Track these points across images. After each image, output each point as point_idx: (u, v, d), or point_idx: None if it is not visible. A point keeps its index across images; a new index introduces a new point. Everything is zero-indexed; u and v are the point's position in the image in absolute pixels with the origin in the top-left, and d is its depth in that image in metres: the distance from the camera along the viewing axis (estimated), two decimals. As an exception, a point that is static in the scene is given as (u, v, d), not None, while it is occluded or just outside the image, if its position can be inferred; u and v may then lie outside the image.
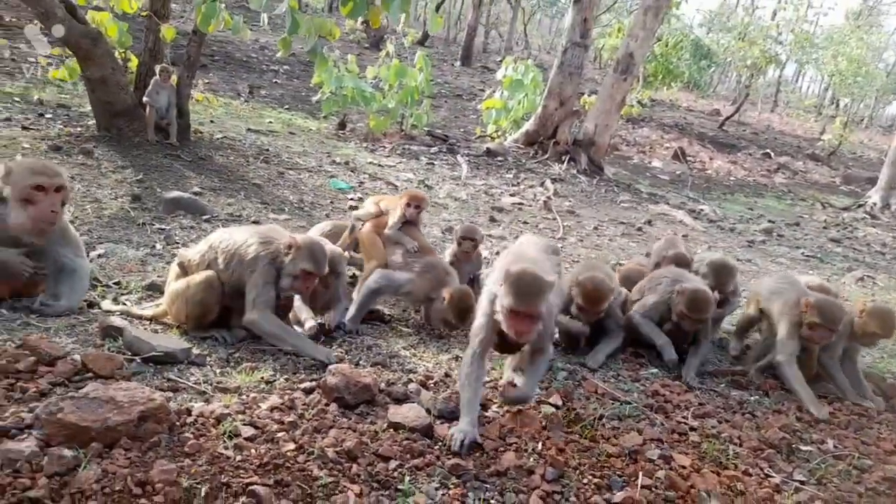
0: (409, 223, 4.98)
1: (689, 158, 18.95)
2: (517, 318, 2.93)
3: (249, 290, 3.73)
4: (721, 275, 4.82)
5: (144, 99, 8.32)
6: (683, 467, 3.02)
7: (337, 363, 3.45)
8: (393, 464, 2.66)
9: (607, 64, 26.62)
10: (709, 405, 3.81)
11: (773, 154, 21.93)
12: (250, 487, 2.31)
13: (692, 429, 3.44)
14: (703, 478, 2.93)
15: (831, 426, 3.74)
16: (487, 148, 13.10)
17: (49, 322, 3.57)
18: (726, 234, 11.02)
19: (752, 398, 4.06)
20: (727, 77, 46.55)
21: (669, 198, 13.19)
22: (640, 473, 2.92)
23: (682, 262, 5.16)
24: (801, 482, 3.06)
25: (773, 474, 3.09)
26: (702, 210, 12.53)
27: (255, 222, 6.47)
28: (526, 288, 2.91)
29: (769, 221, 12.55)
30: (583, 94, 17.07)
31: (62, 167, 3.74)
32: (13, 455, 2.25)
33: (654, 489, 2.82)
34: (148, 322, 3.92)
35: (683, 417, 3.57)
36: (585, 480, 2.81)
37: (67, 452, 2.31)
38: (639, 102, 22.05)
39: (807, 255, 10.29)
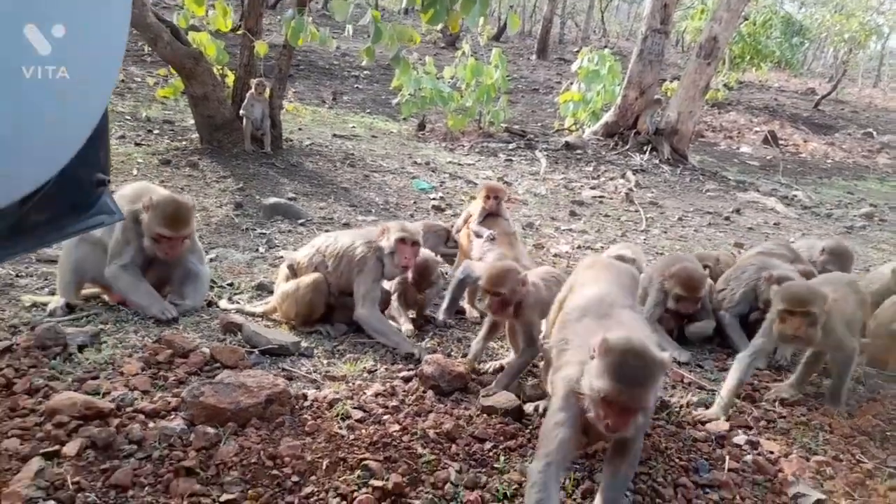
0: (491, 215, 5.20)
1: (781, 142, 18.11)
2: (615, 409, 2.21)
3: (358, 287, 4.09)
4: (843, 258, 4.76)
5: (241, 112, 8.96)
6: (771, 452, 3.08)
7: (430, 354, 3.72)
8: (488, 444, 2.89)
9: (690, 48, 25.74)
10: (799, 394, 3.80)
11: (875, 133, 20.56)
12: (364, 462, 2.60)
13: (781, 416, 3.47)
14: (791, 463, 2.98)
15: (931, 415, 3.65)
16: (566, 141, 13.09)
17: (179, 320, 4.04)
18: (822, 220, 10.55)
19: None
20: (823, 53, 43.78)
21: (759, 184, 12.73)
22: (727, 457, 3.01)
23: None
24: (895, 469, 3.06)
25: (866, 460, 3.09)
26: (795, 196, 12.02)
27: (345, 224, 6.89)
28: (632, 372, 2.18)
29: (870, 205, 11.88)
30: (664, 80, 16.69)
31: (190, 206, 4.21)
32: (167, 432, 2.65)
33: (741, 472, 2.91)
34: (260, 318, 4.34)
35: (772, 406, 3.59)
36: (672, 463, 2.93)
37: (210, 430, 2.69)
38: (725, 86, 21.24)
39: (913, 241, 9.71)
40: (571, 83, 14.30)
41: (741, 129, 19.19)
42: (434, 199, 8.55)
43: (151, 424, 2.74)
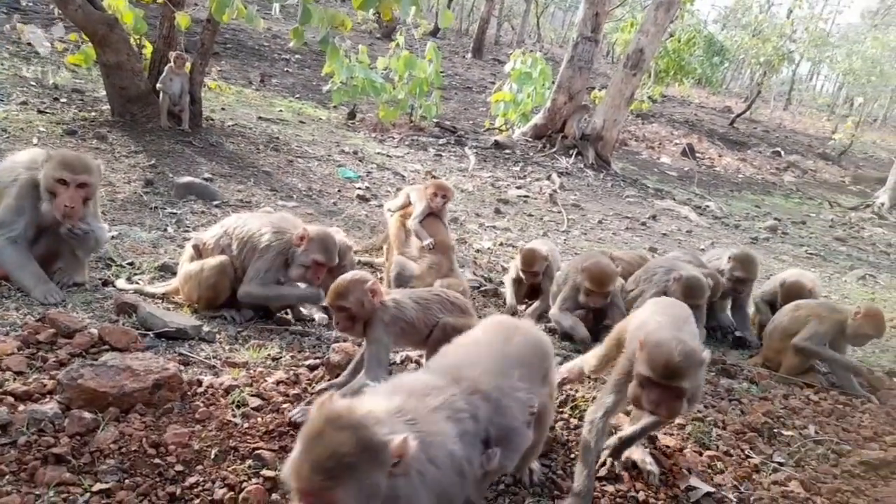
0: (432, 215, 5.07)
1: (698, 155, 18.96)
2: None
3: (250, 270, 3.90)
4: (748, 265, 4.98)
5: (158, 85, 8.48)
6: (667, 447, 3.16)
7: (338, 343, 3.61)
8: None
9: (619, 59, 26.58)
10: (698, 392, 3.94)
11: (783, 152, 21.88)
12: (256, 451, 2.48)
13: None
14: (685, 457, 3.07)
15: (815, 413, 3.87)
16: (495, 140, 13.20)
17: (67, 299, 3.75)
18: (730, 230, 11.10)
19: (740, 386, 4.19)
20: (740, 74, 46.27)
21: (676, 194, 13.26)
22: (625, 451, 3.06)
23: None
24: (780, 463, 3.20)
25: (754, 455, 3.23)
26: (707, 206, 12.60)
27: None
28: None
29: (775, 219, 12.60)
30: (593, 88, 17.13)
31: (95, 161, 3.87)
32: (38, 416, 2.43)
33: (637, 465, 2.97)
34: (160, 300, 4.10)
35: (672, 402, 3.70)
36: (572, 456, 2.96)
37: (87, 415, 2.49)
38: (649, 98, 22.04)
39: (810, 253, 10.37)
40: (504, 83, 14.43)
41: (662, 140, 19.96)
42: (360, 188, 8.40)
43: (21, 408, 2.51)
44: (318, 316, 4.24)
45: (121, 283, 4.21)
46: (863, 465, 3.23)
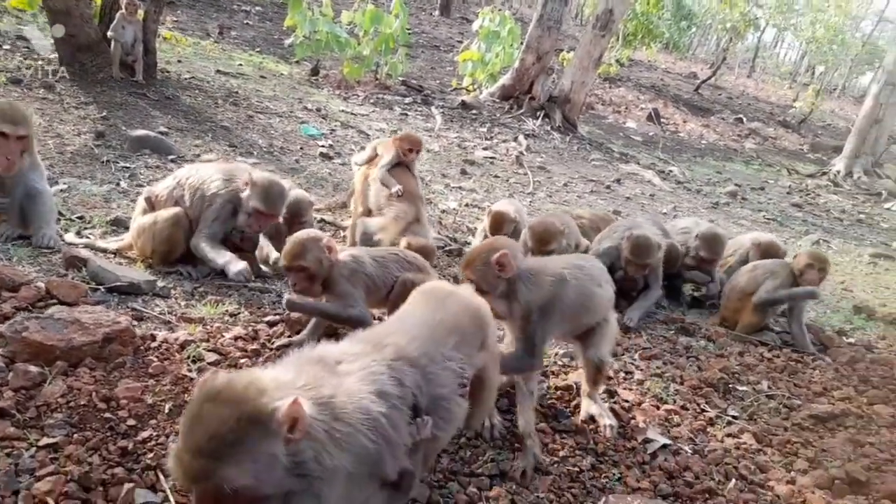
0: (401, 165, 4.90)
1: (663, 120, 19.07)
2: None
3: (200, 221, 3.79)
4: (713, 245, 4.98)
5: (109, 34, 8.07)
6: (626, 401, 3.21)
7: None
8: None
9: (588, 21, 26.37)
10: (656, 349, 4.01)
11: (745, 119, 22.18)
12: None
13: (639, 368, 3.64)
14: (643, 411, 3.13)
15: (768, 370, 3.98)
16: (462, 101, 13.02)
17: (11, 252, 3.58)
18: (692, 195, 11.25)
19: (698, 343, 4.28)
20: (707, 40, 46.47)
21: (640, 158, 13.35)
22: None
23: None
24: (734, 417, 3.29)
25: (709, 409, 3.31)
26: (671, 171, 12.74)
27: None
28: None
29: (735, 185, 12.82)
30: (561, 50, 16.97)
31: (27, 110, 3.67)
32: (-22, 369, 2.32)
33: (597, 419, 3.01)
34: (112, 255, 3.95)
35: (631, 359, 3.76)
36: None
37: (33, 368, 2.39)
38: (617, 62, 21.98)
39: (767, 218, 10.60)
40: (471, 42, 14.18)
41: (628, 104, 20.01)
42: (323, 146, 8.21)
43: (-39, 362, 2.39)
44: (274, 258, 4.09)
45: (70, 236, 4.03)
46: (812, 419, 3.34)
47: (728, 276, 5.00)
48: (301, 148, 7.97)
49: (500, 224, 4.99)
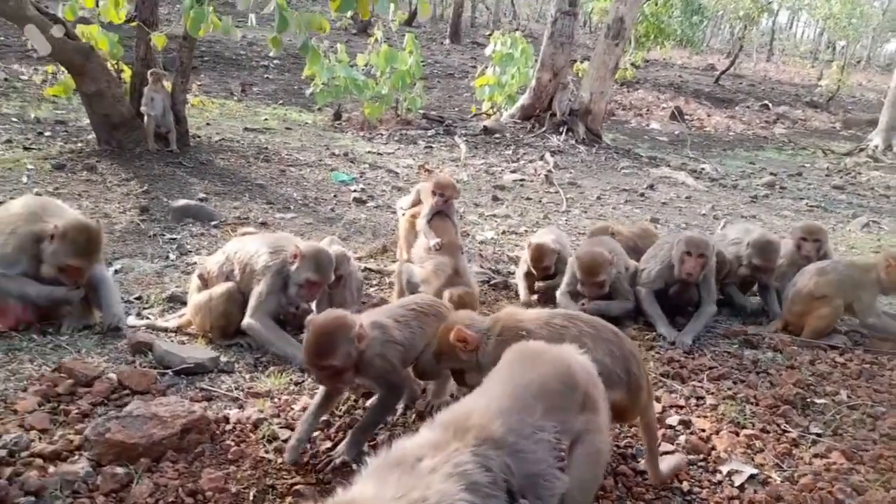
0: (441, 213, 4.87)
1: (686, 117, 18.85)
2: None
3: (252, 297, 3.84)
4: (767, 252, 4.87)
5: (142, 108, 8.36)
6: (703, 430, 3.13)
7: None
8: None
9: (598, 27, 26.37)
10: (723, 367, 3.91)
11: (771, 105, 21.77)
12: (295, 487, 2.44)
13: (709, 392, 3.55)
14: (722, 439, 3.04)
15: (844, 377, 3.84)
16: (484, 126, 13.09)
17: (78, 343, 3.70)
18: (729, 191, 11.04)
19: (764, 356, 4.16)
20: (720, 30, 45.95)
21: (670, 160, 13.18)
22: (662, 439, 3.03)
23: None
24: (818, 435, 3.18)
25: (790, 429, 3.20)
26: (703, 169, 12.53)
27: (262, 224, 6.57)
28: None
29: (771, 174, 12.54)
30: (575, 61, 16.97)
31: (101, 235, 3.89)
32: (69, 477, 2.38)
33: (676, 453, 2.94)
34: (173, 333, 4.05)
35: (699, 382, 3.68)
36: (612, 452, 2.92)
37: (119, 470, 2.44)
38: (632, 65, 21.87)
39: (811, 206, 10.32)
40: (486, 67, 14.27)
41: (649, 106, 19.84)
42: (355, 191, 8.32)
43: (52, 469, 2.46)
44: None
45: (131, 319, 4.15)
46: (901, 427, 3.21)
47: (779, 280, 4.87)
48: (334, 196, 8.08)
49: (541, 257, 4.97)
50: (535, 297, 5.23)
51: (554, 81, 13.40)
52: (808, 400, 3.51)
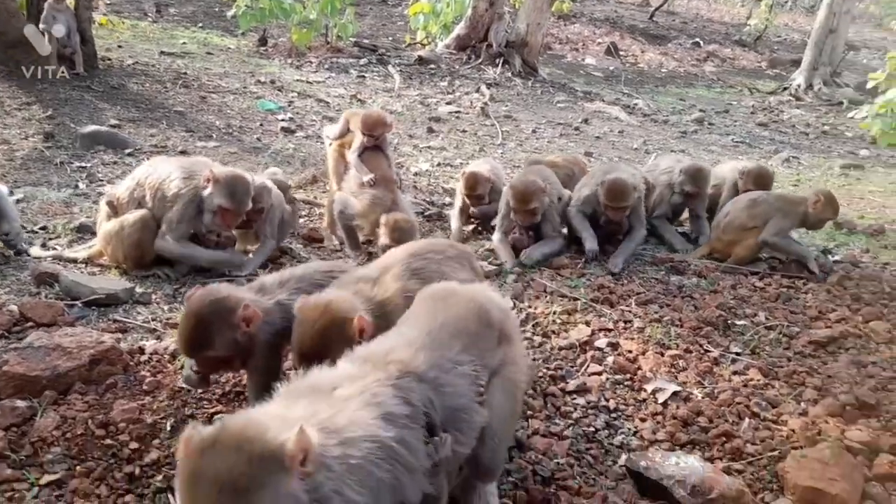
0: (373, 146, 4.59)
1: (621, 53, 18.85)
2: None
3: (163, 222, 3.61)
4: (698, 178, 4.91)
5: (41, 26, 7.59)
6: (630, 352, 3.20)
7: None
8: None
9: (535, -42, 25.65)
10: (650, 293, 4.00)
11: (702, 43, 22.03)
12: (216, 416, 2.33)
13: (637, 316, 3.62)
14: (648, 360, 3.12)
15: (763, 300, 4.00)
16: (419, 56, 12.67)
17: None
18: (660, 126, 11.21)
19: (689, 281, 4.28)
20: (655, -35, 45.72)
21: (604, 94, 13.21)
22: (589, 361, 3.08)
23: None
24: (737, 354, 3.30)
25: (712, 349, 3.31)
26: (636, 105, 12.63)
27: (182, 152, 6.17)
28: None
29: (700, 111, 12.80)
30: (512, -9, 16.53)
31: None
32: (-38, 412, 2.19)
33: (604, 373, 3.00)
34: (83, 265, 3.77)
35: (627, 306, 3.74)
36: (541, 373, 2.95)
37: (20, 403, 2.26)
38: (569, -3, 21.53)
39: (736, 142, 10.62)
40: (420, -6, 13.71)
41: (585, 41, 19.71)
42: (283, 120, 7.93)
43: (-58, 405, 2.25)
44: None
45: (35, 250, 3.83)
46: (812, 345, 3.38)
47: (716, 209, 4.98)
48: (261, 125, 7.69)
49: (475, 185, 4.90)
50: (469, 227, 5.18)
51: (490, 11, 13.03)
52: (730, 322, 3.63)
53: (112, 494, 2.01)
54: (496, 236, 4.63)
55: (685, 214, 5.37)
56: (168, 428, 2.30)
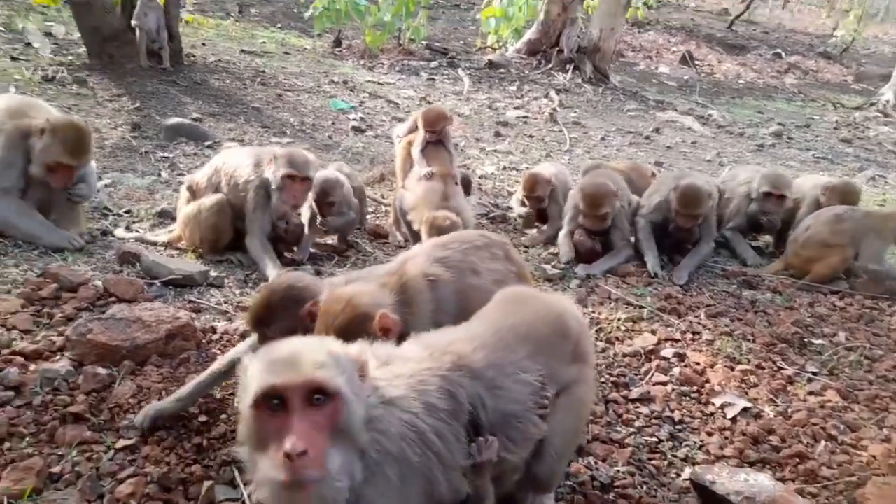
0: (436, 141, 4.71)
1: (697, 62, 18.33)
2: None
3: (246, 218, 3.76)
4: (778, 181, 4.73)
5: (133, 22, 8.01)
6: (698, 364, 3.09)
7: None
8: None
9: (611, -35, 25.29)
10: (721, 306, 3.86)
11: (783, 54, 21.17)
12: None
13: (706, 328, 3.50)
14: (717, 373, 3.00)
15: (843, 320, 3.79)
16: (489, 60, 12.69)
17: (65, 252, 3.60)
18: (735, 139, 10.82)
19: (763, 297, 4.10)
20: (736, -26, 44.29)
21: (677, 104, 12.87)
22: (654, 370, 3.00)
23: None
24: (814, 373, 3.14)
25: (786, 367, 3.16)
26: (710, 115, 12.24)
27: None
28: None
29: (779, 124, 12.28)
30: (586, -3, 16.35)
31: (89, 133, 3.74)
32: (50, 374, 2.33)
33: (669, 384, 2.91)
34: (163, 248, 3.95)
35: (696, 318, 3.62)
36: (603, 379, 2.89)
37: (102, 370, 2.39)
38: (645, 4, 21.10)
39: (817, 157, 10.13)
40: (493, -2, 13.73)
41: (659, 49, 19.28)
42: (354, 119, 8.09)
43: (33, 367, 2.40)
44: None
45: (120, 232, 4.04)
46: (897, 369, 3.18)
47: (793, 223, 4.75)
48: (332, 123, 7.87)
49: (533, 186, 4.89)
50: (534, 230, 5.14)
51: (563, 16, 12.92)
52: (806, 340, 3.46)
53: (181, 463, 2.08)
54: (561, 234, 4.57)
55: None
56: (236, 404, 2.37)
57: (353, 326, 2.00)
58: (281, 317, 2.21)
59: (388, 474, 1.49)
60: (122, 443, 2.12)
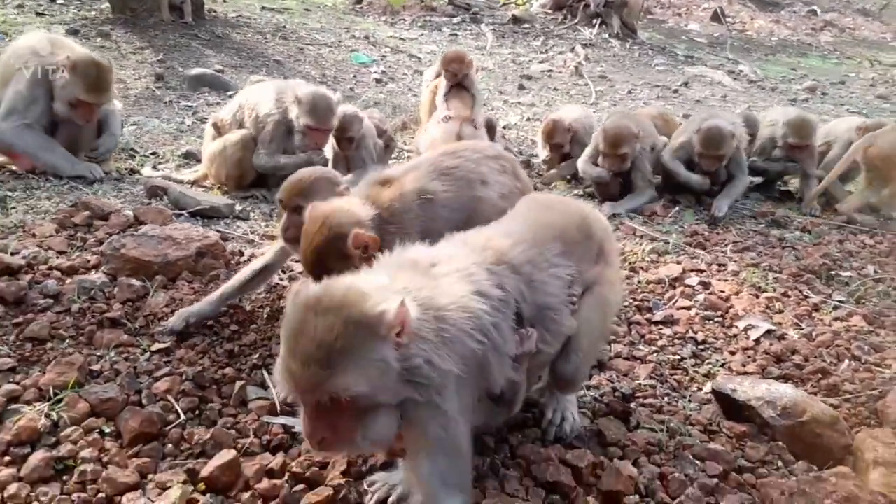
0: (458, 85, 4.87)
1: (728, 19, 17.78)
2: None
3: (259, 144, 3.78)
4: (802, 129, 4.63)
5: (156, -24, 8.03)
6: (723, 292, 3.08)
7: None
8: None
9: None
10: (748, 241, 3.82)
11: (819, 11, 20.45)
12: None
13: (732, 260, 3.47)
14: (741, 300, 2.99)
15: (872, 255, 3.73)
16: (513, 15, 12.48)
17: (95, 186, 3.68)
18: (767, 93, 10.55)
19: (792, 234, 4.05)
20: (771, -70, 42.64)
21: (707, 60, 12.55)
22: (679, 297, 2.99)
23: None
24: (840, 301, 3.11)
25: (812, 295, 3.13)
26: (741, 71, 11.94)
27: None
28: None
29: (813, 80, 11.92)
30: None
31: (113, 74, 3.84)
32: (87, 284, 2.41)
33: (693, 308, 2.91)
34: (189, 185, 4.01)
35: (722, 251, 3.59)
36: (626, 303, 2.89)
37: (135, 282, 2.46)
38: (673, -39, 20.45)
39: (851, 112, 9.83)
40: (518, -48, 13.45)
41: (689, 5, 18.75)
42: (375, 72, 8.06)
43: (69, 280, 2.48)
44: None
45: (147, 170, 4.11)
46: (927, 299, 3.13)
47: (827, 169, 4.64)
48: (354, 76, 7.85)
49: (552, 133, 4.87)
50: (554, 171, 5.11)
51: (590, -31, 12.60)
52: (833, 272, 3.42)
53: (213, 365, 2.15)
54: (581, 161, 4.55)
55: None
56: (265, 316, 2.43)
57: (329, 246, 2.01)
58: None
59: (453, 370, 1.50)
60: (157, 346, 2.20)
